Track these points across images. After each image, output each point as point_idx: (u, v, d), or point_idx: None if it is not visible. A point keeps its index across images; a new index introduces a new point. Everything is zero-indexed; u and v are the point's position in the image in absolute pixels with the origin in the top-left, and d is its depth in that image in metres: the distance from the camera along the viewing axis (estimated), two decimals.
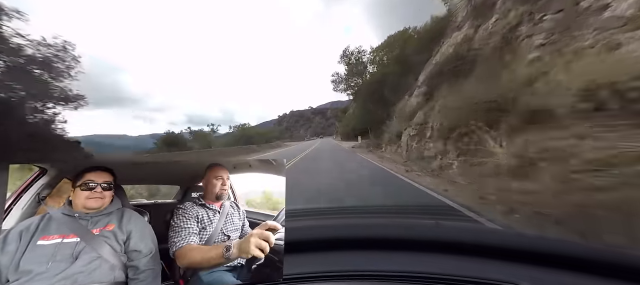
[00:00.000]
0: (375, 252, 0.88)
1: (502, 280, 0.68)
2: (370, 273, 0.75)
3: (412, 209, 3.35)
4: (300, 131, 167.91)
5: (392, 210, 3.12)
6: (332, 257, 0.85)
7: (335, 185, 5.72)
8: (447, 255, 0.84)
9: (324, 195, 4.74)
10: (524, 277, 0.70)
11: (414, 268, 0.77)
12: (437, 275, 0.72)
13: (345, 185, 5.64)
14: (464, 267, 0.76)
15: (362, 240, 0.93)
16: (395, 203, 4.10)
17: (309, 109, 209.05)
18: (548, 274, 0.75)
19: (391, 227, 1.10)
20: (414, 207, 3.61)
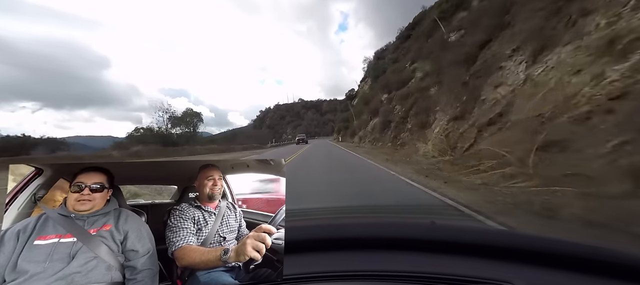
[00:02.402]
0: (371, 251, 0.88)
1: (497, 279, 0.68)
2: (367, 273, 0.76)
3: (408, 209, 3.37)
4: (287, 129, 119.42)
5: (387, 210, 3.14)
6: (329, 258, 0.85)
7: None
8: (442, 254, 0.85)
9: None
10: (519, 276, 0.70)
11: (409, 268, 0.77)
12: (432, 275, 0.73)
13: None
14: (459, 266, 0.77)
15: (359, 240, 0.93)
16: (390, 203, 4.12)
17: (299, 102, 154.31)
18: (543, 273, 0.76)
19: (387, 227, 1.10)
20: (410, 207, 3.63)
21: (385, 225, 1.17)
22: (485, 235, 1.02)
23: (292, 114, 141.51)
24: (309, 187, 5.56)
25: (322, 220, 1.43)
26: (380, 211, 2.99)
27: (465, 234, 1.01)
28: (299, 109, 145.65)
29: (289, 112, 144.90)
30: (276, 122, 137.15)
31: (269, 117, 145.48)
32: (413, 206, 3.69)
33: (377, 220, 1.44)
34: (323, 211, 2.36)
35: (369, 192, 4.87)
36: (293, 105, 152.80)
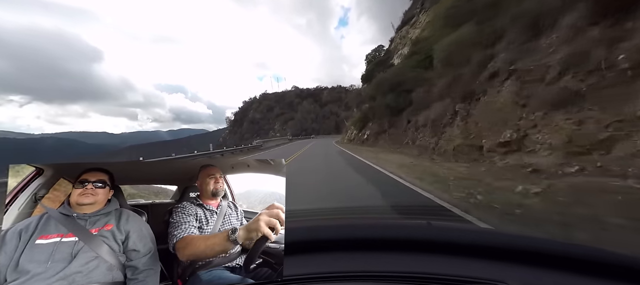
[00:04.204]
0: (368, 252, 0.89)
1: (492, 280, 0.69)
2: (364, 273, 0.76)
3: (404, 210, 3.39)
4: (275, 125, 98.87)
5: (384, 211, 3.16)
6: (328, 258, 0.86)
7: None
8: (438, 255, 0.85)
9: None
10: (513, 276, 0.71)
11: (405, 268, 0.78)
12: (428, 275, 0.73)
13: None
14: (454, 266, 0.78)
15: (356, 240, 0.94)
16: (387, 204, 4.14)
17: (293, 90, 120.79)
18: (537, 273, 0.76)
19: (383, 228, 1.11)
20: (406, 208, 3.65)
21: (381, 226, 1.18)
22: (480, 236, 1.04)
23: (283, 104, 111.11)
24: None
25: (321, 221, 1.43)
26: (377, 212, 3.01)
27: (461, 234, 1.02)
28: (292, 98, 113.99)
29: (279, 102, 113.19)
30: (262, 115, 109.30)
31: (253, 108, 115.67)
32: (409, 207, 3.72)
33: (373, 221, 1.45)
34: (321, 212, 2.36)
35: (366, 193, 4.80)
36: (284, 95, 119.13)
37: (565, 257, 0.79)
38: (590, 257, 0.78)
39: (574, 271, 0.75)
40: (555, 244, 0.90)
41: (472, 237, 0.96)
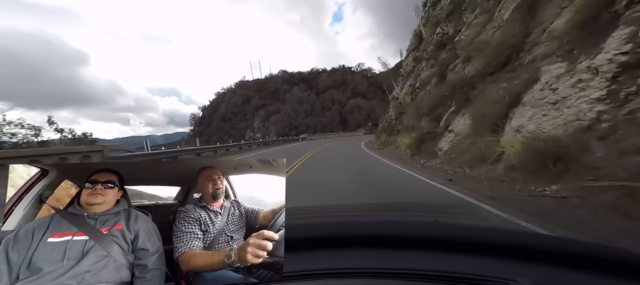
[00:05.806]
0: (374, 249, 0.89)
1: (502, 278, 0.68)
2: (369, 270, 0.76)
3: (411, 207, 3.37)
4: (254, 122, 74.58)
5: (390, 208, 3.13)
6: (332, 255, 0.86)
7: None
8: (446, 252, 0.84)
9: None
10: (524, 274, 0.70)
11: (412, 265, 0.77)
12: (435, 273, 0.73)
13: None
14: (462, 264, 0.77)
15: (362, 237, 0.93)
16: (393, 201, 4.11)
17: (280, 75, 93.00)
18: (548, 271, 0.75)
19: (390, 225, 1.09)
20: (413, 205, 3.62)
21: (388, 223, 1.17)
22: (489, 234, 1.02)
23: (265, 93, 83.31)
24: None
25: (324, 218, 1.43)
26: (383, 209, 2.99)
27: (469, 232, 1.00)
28: (278, 84, 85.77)
29: (261, 91, 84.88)
30: (237, 108, 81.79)
31: (227, 99, 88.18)
32: (416, 204, 3.68)
33: (379, 218, 1.44)
34: (325, 209, 2.36)
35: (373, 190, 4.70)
36: (268, 81, 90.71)
37: (577, 255, 0.77)
38: (603, 255, 0.76)
39: (585, 269, 0.73)
40: (566, 241, 0.88)
41: (481, 235, 0.94)
